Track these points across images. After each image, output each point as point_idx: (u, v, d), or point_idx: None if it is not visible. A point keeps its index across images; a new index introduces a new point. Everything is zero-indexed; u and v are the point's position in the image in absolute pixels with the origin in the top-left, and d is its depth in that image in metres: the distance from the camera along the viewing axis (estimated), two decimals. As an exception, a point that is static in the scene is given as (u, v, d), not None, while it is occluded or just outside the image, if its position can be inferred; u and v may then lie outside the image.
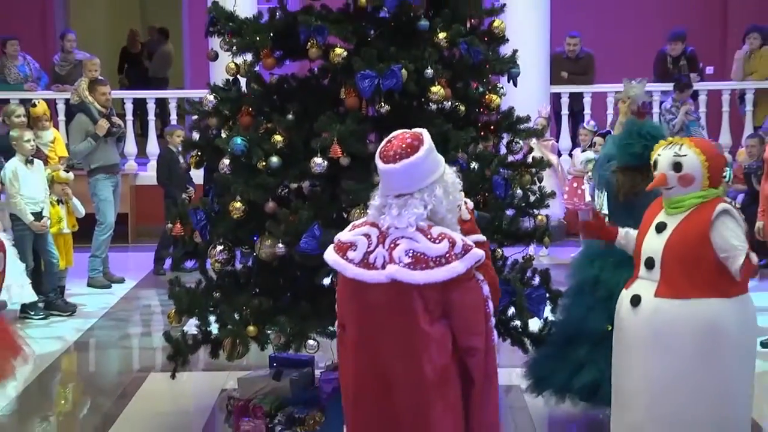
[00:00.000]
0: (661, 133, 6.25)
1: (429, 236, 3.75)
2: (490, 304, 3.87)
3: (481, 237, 4.05)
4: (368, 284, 3.78)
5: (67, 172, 9.68)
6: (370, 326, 3.83)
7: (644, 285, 5.11)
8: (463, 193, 4.00)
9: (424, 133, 3.89)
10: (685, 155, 5.04)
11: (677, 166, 5.03)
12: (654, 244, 5.10)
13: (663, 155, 5.13)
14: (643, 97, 7.33)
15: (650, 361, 5.08)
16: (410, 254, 3.73)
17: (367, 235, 3.85)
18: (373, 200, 3.92)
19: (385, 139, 3.91)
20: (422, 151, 3.80)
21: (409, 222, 3.76)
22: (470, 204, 4.04)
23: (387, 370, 3.82)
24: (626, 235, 5.36)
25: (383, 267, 3.74)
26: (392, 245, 3.76)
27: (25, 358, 5.78)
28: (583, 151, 11.39)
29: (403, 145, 3.82)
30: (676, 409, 4.99)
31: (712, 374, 4.95)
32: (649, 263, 5.10)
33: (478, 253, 3.77)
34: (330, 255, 3.93)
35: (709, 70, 13.92)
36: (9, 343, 5.68)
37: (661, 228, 5.09)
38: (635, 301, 5.09)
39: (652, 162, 5.18)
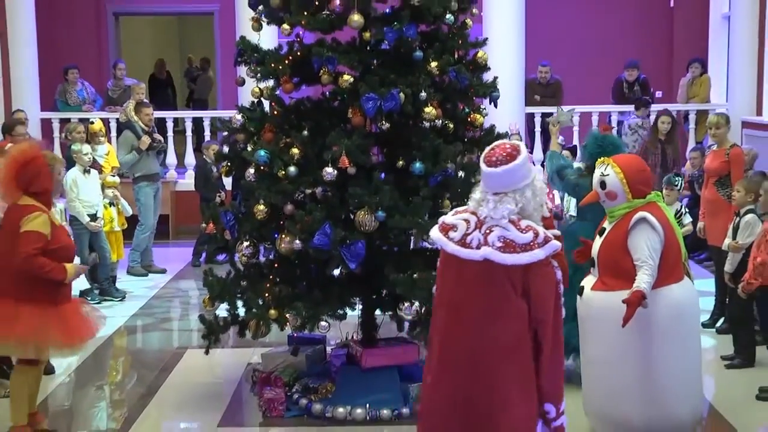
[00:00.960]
0: (619, 144, 6.32)
1: (518, 227, 3.88)
2: (561, 287, 3.99)
3: (557, 231, 4.26)
4: (463, 260, 3.91)
5: (114, 177, 9.69)
6: (460, 294, 3.94)
7: (590, 279, 5.33)
8: (546, 196, 4.14)
9: (521, 145, 4.03)
10: (608, 174, 5.20)
11: (602, 185, 5.22)
12: (596, 247, 5.29)
13: (595, 174, 5.32)
14: (569, 123, 7.41)
15: (585, 343, 5.35)
16: (501, 240, 3.86)
17: (467, 221, 3.97)
18: (474, 193, 4.03)
19: (489, 147, 4.04)
20: (519, 160, 3.93)
21: (503, 214, 3.89)
22: (551, 205, 4.15)
23: (471, 332, 3.91)
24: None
25: (478, 247, 3.87)
26: (488, 231, 3.90)
27: (96, 332, 5.76)
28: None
29: (504, 154, 3.95)
30: (608, 381, 5.16)
31: (636, 353, 5.06)
32: (593, 262, 5.30)
33: (556, 244, 3.91)
34: (434, 233, 4.05)
35: (659, 94, 13.89)
36: (84, 324, 5.61)
37: (601, 233, 5.26)
38: (581, 291, 5.30)
39: (597, 182, 5.28)
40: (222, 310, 6.25)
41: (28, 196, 5.45)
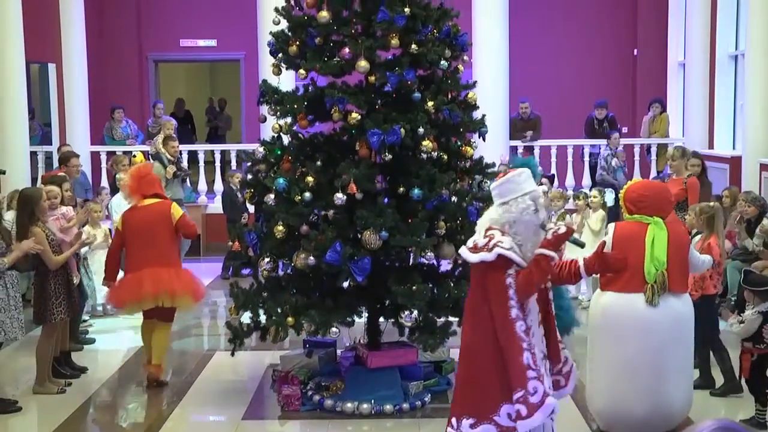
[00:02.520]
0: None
1: (485, 234, 3.89)
2: (511, 293, 3.80)
3: (546, 251, 3.93)
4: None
5: None
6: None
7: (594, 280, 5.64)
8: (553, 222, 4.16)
9: (519, 170, 4.01)
10: None
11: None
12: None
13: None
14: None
15: (596, 345, 5.42)
16: (473, 243, 3.91)
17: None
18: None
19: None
20: (499, 181, 4.03)
21: (480, 223, 4.00)
22: (560, 230, 3.96)
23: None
24: None
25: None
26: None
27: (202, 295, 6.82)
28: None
29: (502, 173, 4.09)
30: (616, 380, 5.21)
31: (591, 351, 5.31)
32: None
33: (499, 251, 3.79)
34: (511, 253, 3.86)
35: (624, 129, 13.88)
36: (195, 287, 6.62)
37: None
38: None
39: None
40: (246, 318, 6.20)
41: (149, 198, 6.59)
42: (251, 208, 10.15)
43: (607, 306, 5.16)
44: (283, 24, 6.11)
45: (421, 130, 5.74)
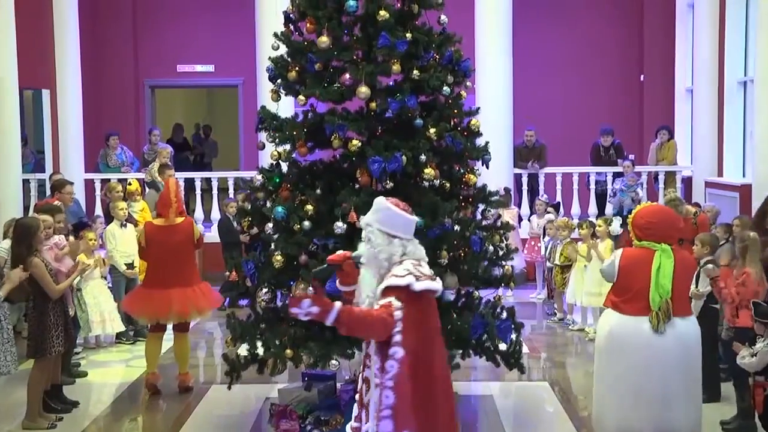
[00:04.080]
0: None
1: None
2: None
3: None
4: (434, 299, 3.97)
5: None
6: (438, 334, 3.99)
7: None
8: None
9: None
10: None
11: None
12: None
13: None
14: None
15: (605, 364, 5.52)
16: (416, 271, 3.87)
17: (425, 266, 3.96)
18: (401, 245, 3.92)
19: (396, 203, 3.98)
20: None
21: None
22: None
23: (444, 364, 3.96)
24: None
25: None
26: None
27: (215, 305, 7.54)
28: (539, 217, 11.34)
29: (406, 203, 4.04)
30: (624, 398, 5.28)
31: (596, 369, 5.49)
32: None
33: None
34: (436, 285, 3.88)
35: (631, 157, 13.90)
36: (210, 297, 7.30)
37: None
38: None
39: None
40: (243, 350, 6.20)
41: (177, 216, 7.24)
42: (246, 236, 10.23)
43: (614, 327, 5.25)
44: (282, 49, 6.17)
45: (423, 157, 5.77)
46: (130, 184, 10.25)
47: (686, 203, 8.94)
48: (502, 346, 6.20)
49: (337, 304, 3.84)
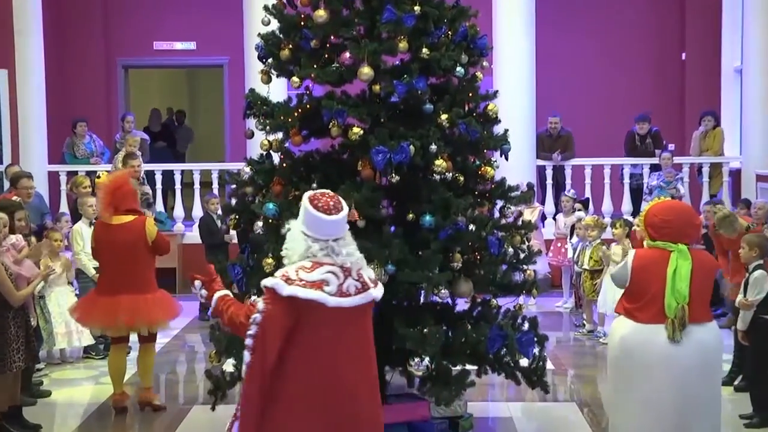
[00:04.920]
0: None
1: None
2: None
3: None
4: (344, 310, 4.06)
5: None
6: (342, 347, 4.10)
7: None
8: None
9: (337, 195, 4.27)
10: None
11: None
12: None
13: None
14: None
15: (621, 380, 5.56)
16: (370, 279, 4.20)
17: (333, 273, 4.08)
18: (308, 245, 4.11)
19: (313, 197, 4.17)
20: (346, 206, 4.20)
21: (359, 255, 4.16)
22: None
23: (348, 378, 4.09)
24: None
25: (358, 293, 4.08)
26: (359, 275, 4.12)
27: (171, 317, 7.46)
28: (566, 216, 11.35)
29: (335, 201, 4.18)
30: (640, 417, 5.36)
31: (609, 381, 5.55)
32: None
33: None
34: (306, 292, 4.01)
35: (671, 146, 13.93)
36: (166, 307, 7.33)
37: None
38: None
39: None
40: (229, 366, 6.20)
41: (121, 215, 7.08)
42: (235, 238, 10.27)
43: (627, 336, 5.31)
44: (274, 24, 6.19)
45: (433, 147, 5.79)
46: (99, 177, 10.25)
47: (739, 215, 8.87)
48: (524, 362, 6.22)
49: (221, 292, 4.32)
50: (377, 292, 4.17)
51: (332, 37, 6.06)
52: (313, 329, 4.05)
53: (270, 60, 6.23)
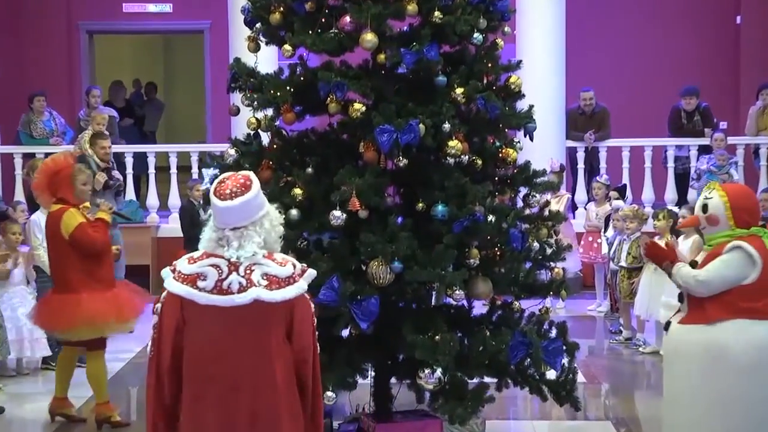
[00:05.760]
0: None
1: (276, 261, 4.20)
2: (315, 320, 4.34)
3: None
4: (221, 309, 4.12)
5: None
6: (225, 347, 4.16)
7: (678, 314, 5.53)
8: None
9: (251, 174, 4.31)
10: (711, 198, 5.43)
11: (704, 208, 5.45)
12: None
13: (698, 199, 5.60)
14: None
15: (666, 379, 5.57)
16: (265, 277, 4.14)
17: (216, 266, 4.16)
18: (205, 234, 4.25)
19: (218, 180, 4.27)
20: (254, 189, 4.21)
21: (255, 250, 4.15)
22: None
23: (245, 381, 4.16)
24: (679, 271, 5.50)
25: (242, 291, 4.11)
26: (248, 271, 4.14)
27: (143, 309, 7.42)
28: (599, 205, 11.36)
29: (238, 185, 4.20)
30: (687, 421, 5.36)
31: (714, 391, 5.27)
32: (681, 297, 5.50)
33: (312, 272, 4.28)
34: (176, 286, 4.17)
35: (723, 124, 13.92)
36: (134, 302, 7.44)
37: (693, 265, 5.44)
38: (666, 326, 5.56)
39: (700, 206, 5.51)
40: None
41: (57, 203, 7.20)
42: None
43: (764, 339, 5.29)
44: (263, -16, 6.21)
45: (446, 126, 5.81)
46: (60, 160, 10.28)
47: None
48: (551, 374, 6.24)
49: None
50: (265, 292, 4.13)
51: (330, -1, 6.08)
52: (195, 327, 4.19)
53: (258, 25, 6.24)
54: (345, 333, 5.93)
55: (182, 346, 4.19)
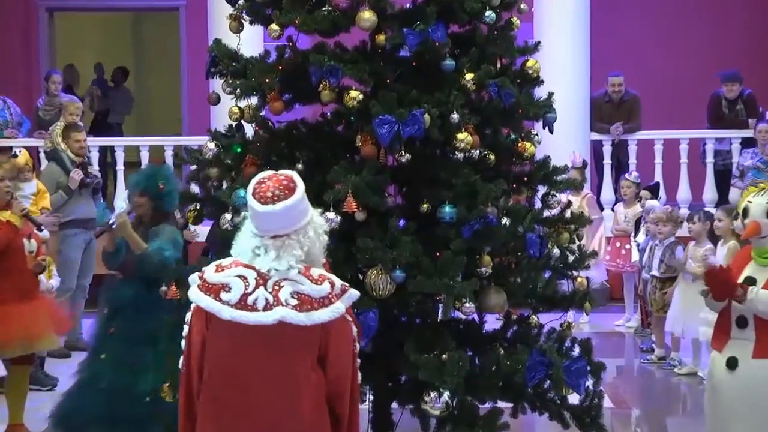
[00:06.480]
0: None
1: (311, 278, 4.16)
2: (357, 345, 4.30)
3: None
4: (246, 326, 4.08)
5: (41, 230, 9.36)
6: (243, 367, 4.14)
7: (739, 345, 5.38)
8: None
9: (295, 174, 4.27)
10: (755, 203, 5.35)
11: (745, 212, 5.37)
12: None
13: (756, 202, 5.40)
14: None
15: (752, 427, 5.39)
16: (296, 296, 4.11)
17: (243, 277, 4.13)
18: (241, 241, 4.22)
19: (256, 181, 4.24)
20: (299, 193, 4.20)
21: (290, 264, 4.12)
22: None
23: (264, 411, 4.13)
24: (757, 295, 5.37)
25: (268, 309, 4.07)
26: (276, 287, 4.10)
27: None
28: (628, 206, 11.36)
29: (280, 187, 4.19)
30: None
31: None
32: (742, 322, 5.35)
33: (355, 293, 4.28)
34: (198, 296, 4.17)
35: (769, 114, 13.93)
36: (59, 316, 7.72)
37: (750, 283, 5.33)
38: (732, 363, 5.35)
39: (741, 209, 5.29)
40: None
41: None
42: (196, 233, 10.31)
43: None
44: (247, -45, 6.22)
45: (455, 116, 5.81)
46: (16, 156, 10.28)
47: None
48: (574, 398, 6.26)
49: None
50: (292, 313, 4.08)
51: (323, -28, 6.09)
52: (215, 343, 4.19)
53: (241, 1, 6.26)
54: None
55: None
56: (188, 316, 4.25)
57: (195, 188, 6.45)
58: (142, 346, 7.00)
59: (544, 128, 6.38)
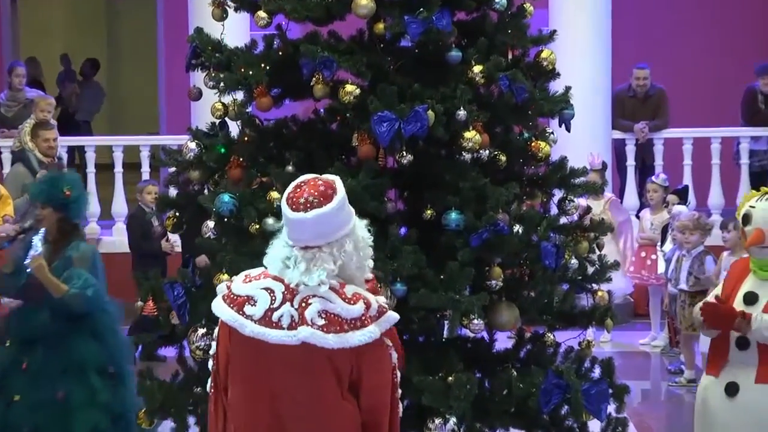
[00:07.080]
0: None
1: (343, 296, 4.09)
2: (398, 373, 4.24)
3: (383, 299, 4.35)
4: (269, 345, 4.06)
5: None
6: (267, 389, 4.11)
7: (740, 369, 5.31)
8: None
9: (337, 180, 4.19)
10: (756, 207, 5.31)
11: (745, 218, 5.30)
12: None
13: (760, 207, 5.35)
14: None
15: None
16: (324, 315, 4.05)
17: (270, 290, 4.11)
18: (272, 250, 4.18)
19: (293, 184, 4.19)
20: (336, 201, 4.11)
21: (321, 280, 4.06)
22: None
23: None
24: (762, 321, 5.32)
25: (291, 327, 4.03)
26: (303, 304, 4.06)
27: None
28: (655, 212, 11.36)
29: (315, 193, 4.11)
30: None
31: None
32: (743, 343, 5.29)
33: (394, 316, 4.15)
34: (222, 308, 4.15)
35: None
36: None
37: (751, 299, 5.28)
38: (731, 389, 5.28)
39: (740, 215, 5.26)
40: (166, 429, 6.26)
41: None
42: (176, 243, 10.33)
43: None
44: (231, -65, 6.25)
45: (461, 113, 5.83)
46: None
47: None
48: (594, 425, 6.27)
49: None
50: (318, 335, 4.02)
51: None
52: (236, 362, 4.18)
53: (225, -14, 6.29)
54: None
55: None
56: (216, 331, 4.25)
57: (174, 193, 6.45)
58: (68, 381, 6.65)
59: (560, 126, 6.40)
